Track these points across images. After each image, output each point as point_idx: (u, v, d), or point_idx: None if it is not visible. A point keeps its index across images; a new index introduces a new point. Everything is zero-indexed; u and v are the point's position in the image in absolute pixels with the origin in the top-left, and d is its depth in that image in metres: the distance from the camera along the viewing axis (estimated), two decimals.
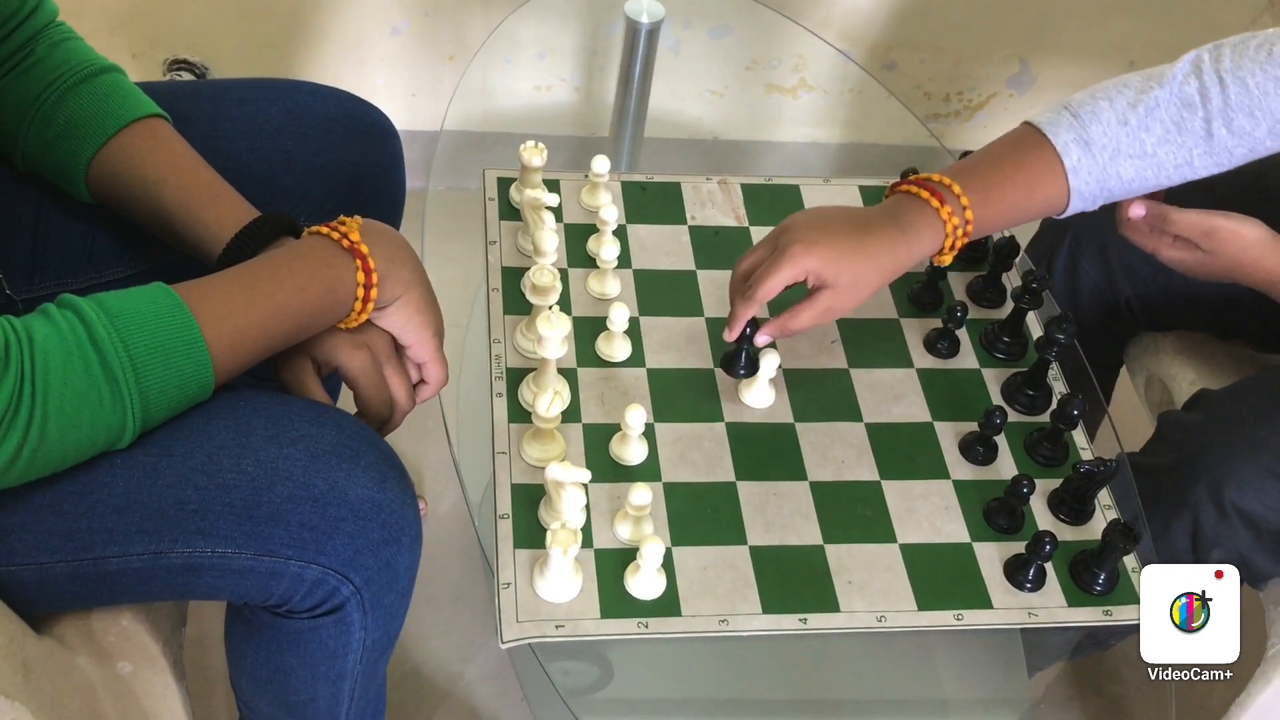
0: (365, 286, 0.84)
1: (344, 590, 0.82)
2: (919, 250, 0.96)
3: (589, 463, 0.97)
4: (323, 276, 0.83)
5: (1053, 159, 0.96)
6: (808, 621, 0.91)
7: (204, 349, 0.76)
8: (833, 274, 0.94)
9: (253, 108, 1.05)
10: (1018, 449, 1.04)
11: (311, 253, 0.83)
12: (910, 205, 0.96)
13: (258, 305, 0.80)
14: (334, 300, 0.84)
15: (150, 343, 0.73)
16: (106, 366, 0.72)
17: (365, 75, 1.86)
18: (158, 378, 0.74)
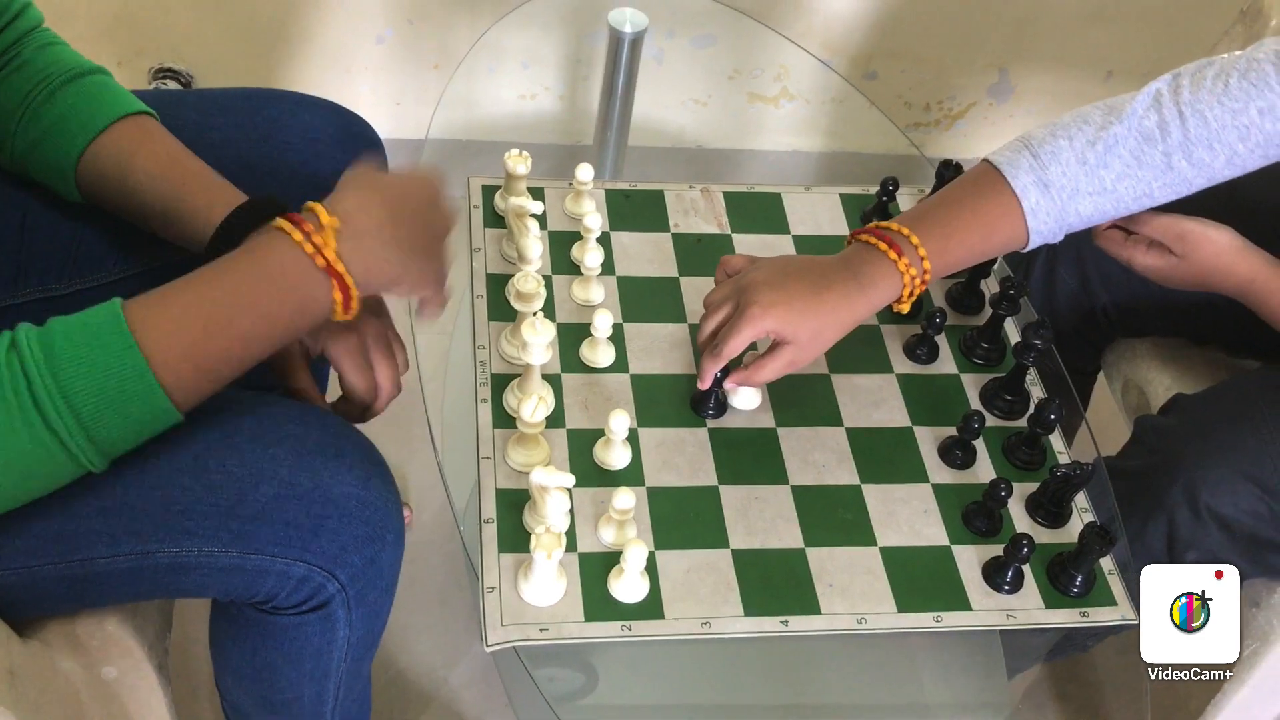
0: (343, 302, 0.79)
1: (329, 587, 0.82)
2: (877, 300, 0.98)
3: (573, 468, 0.98)
4: (291, 301, 0.77)
5: (1011, 201, 0.97)
6: (789, 624, 0.92)
7: (157, 388, 0.72)
8: (791, 331, 0.96)
9: (238, 117, 1.06)
10: (996, 453, 1.05)
11: (280, 272, 0.77)
12: (868, 256, 0.98)
13: (220, 338, 0.75)
14: (306, 318, 0.79)
15: (100, 395, 0.70)
16: (46, 422, 0.69)
17: (350, 83, 1.86)
18: (113, 427, 0.71)
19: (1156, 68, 1.97)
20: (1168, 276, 1.05)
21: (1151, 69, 1.97)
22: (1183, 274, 1.04)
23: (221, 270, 0.78)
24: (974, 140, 2.07)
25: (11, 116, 0.91)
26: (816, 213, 1.24)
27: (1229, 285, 1.03)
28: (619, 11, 1.45)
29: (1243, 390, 1.10)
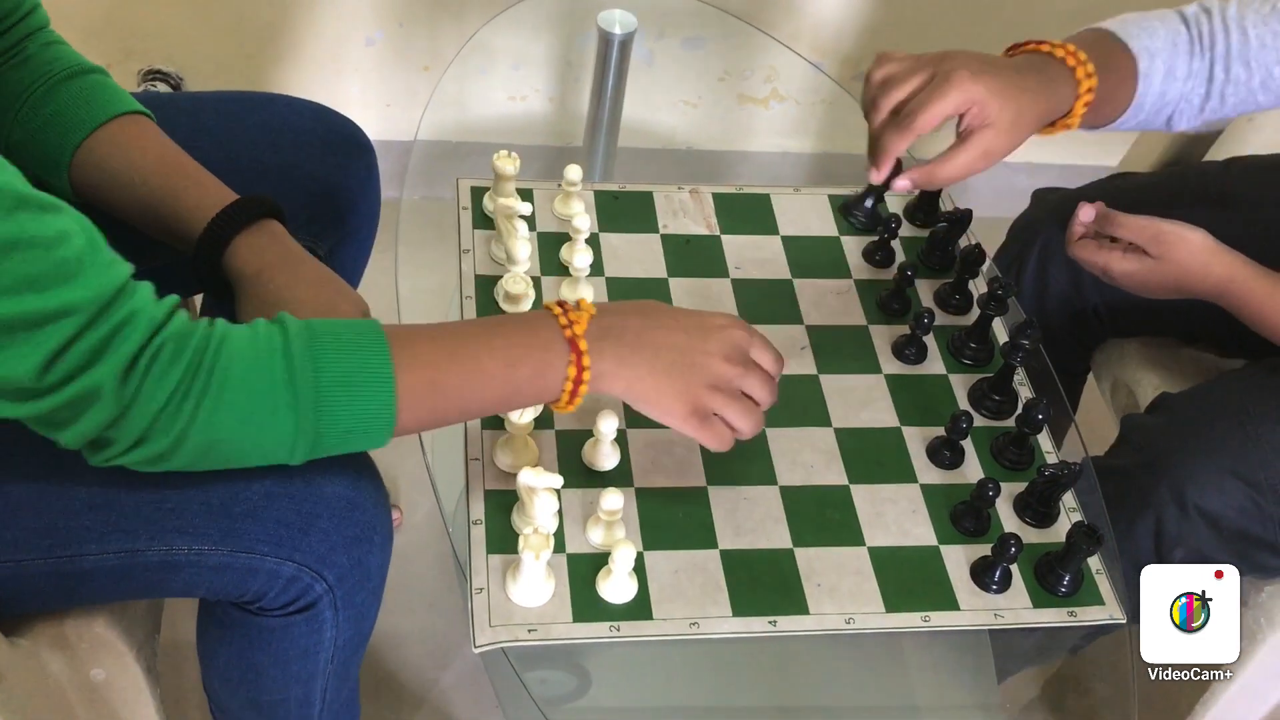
0: (575, 381, 0.82)
1: (317, 588, 0.82)
2: (1060, 102, 0.95)
3: (562, 469, 0.98)
4: (536, 358, 0.81)
5: (1129, 62, 0.98)
6: (777, 624, 0.92)
7: (392, 389, 0.75)
8: (996, 108, 0.90)
9: (228, 120, 1.06)
10: (984, 453, 1.06)
11: (531, 330, 0.82)
12: (1047, 62, 0.96)
13: (462, 365, 0.79)
14: (540, 383, 0.82)
15: (340, 370, 0.73)
16: (291, 377, 0.72)
17: (340, 86, 1.87)
18: (339, 404, 0.74)
19: None
20: (1145, 281, 1.05)
21: None
22: (1160, 277, 1.04)
23: (482, 318, 0.86)
24: None
25: (9, 109, 0.91)
26: (805, 214, 1.25)
27: (1206, 286, 1.03)
28: (608, 13, 1.45)
29: (1228, 388, 1.11)
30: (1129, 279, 1.07)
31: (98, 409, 0.68)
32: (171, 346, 0.69)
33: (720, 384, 0.86)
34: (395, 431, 0.77)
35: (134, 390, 0.68)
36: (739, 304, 1.14)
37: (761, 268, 1.18)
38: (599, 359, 0.82)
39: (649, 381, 0.84)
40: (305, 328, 0.74)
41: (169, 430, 0.70)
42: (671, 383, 0.84)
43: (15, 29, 0.91)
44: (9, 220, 0.63)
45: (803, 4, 1.86)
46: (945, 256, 1.20)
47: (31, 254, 0.64)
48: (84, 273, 0.66)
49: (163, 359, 0.69)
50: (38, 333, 0.65)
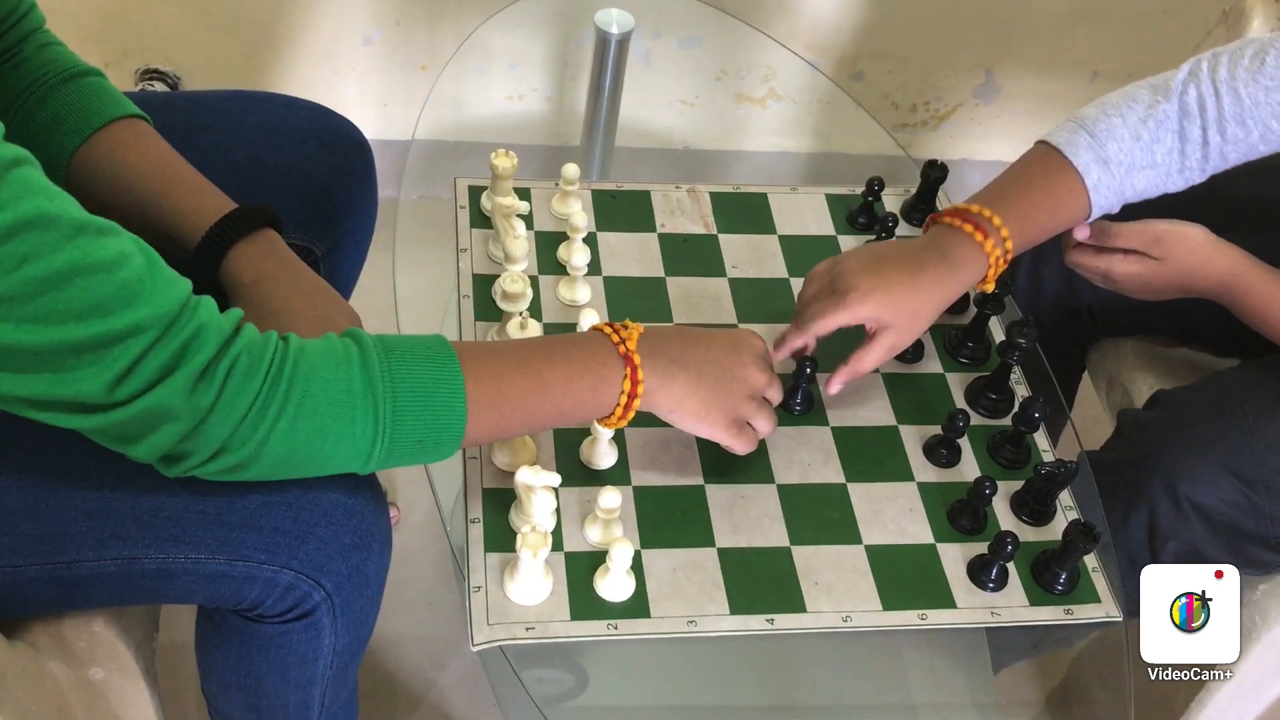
0: (630, 395, 0.85)
1: (315, 595, 0.82)
2: (966, 280, 1.01)
3: (559, 467, 0.98)
4: (594, 372, 0.85)
5: (1074, 180, 1.01)
6: (774, 622, 0.92)
7: (463, 399, 0.78)
8: (890, 316, 0.99)
9: (226, 119, 1.06)
10: (981, 451, 1.06)
11: (588, 346, 0.86)
12: (954, 239, 1.01)
13: (526, 377, 0.82)
14: (598, 397, 0.85)
15: (414, 379, 0.76)
16: (370, 386, 0.74)
17: (338, 85, 1.87)
18: (414, 412, 0.76)
19: (1141, 69, 1.98)
20: (1147, 282, 1.06)
21: (1136, 70, 1.98)
22: (1163, 278, 1.05)
23: (542, 337, 0.92)
24: (960, 141, 2.08)
25: (6, 112, 0.91)
26: (803, 213, 1.25)
27: (1209, 283, 1.04)
28: (605, 12, 1.45)
29: (1223, 385, 1.11)
30: (1131, 281, 1.07)
31: (171, 423, 0.69)
32: (247, 358, 0.71)
33: (755, 393, 0.92)
34: (463, 442, 0.79)
35: (210, 402, 0.69)
36: (736, 303, 1.14)
37: (758, 267, 1.18)
38: (650, 374, 0.86)
39: (696, 397, 0.89)
40: (380, 341, 0.77)
41: (249, 440, 0.71)
42: (715, 397, 0.89)
43: (12, 31, 0.91)
44: (70, 247, 0.64)
45: (799, 3, 1.86)
46: None
47: (94, 279, 0.65)
48: (146, 292, 0.67)
49: (240, 370, 0.70)
50: (106, 353, 0.66)
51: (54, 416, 0.68)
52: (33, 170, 0.65)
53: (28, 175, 0.64)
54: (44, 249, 0.63)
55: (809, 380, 1.04)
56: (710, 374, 0.89)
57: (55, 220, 0.64)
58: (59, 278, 0.63)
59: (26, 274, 0.62)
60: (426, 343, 0.79)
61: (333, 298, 0.91)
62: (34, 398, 0.67)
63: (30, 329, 0.63)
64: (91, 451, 0.76)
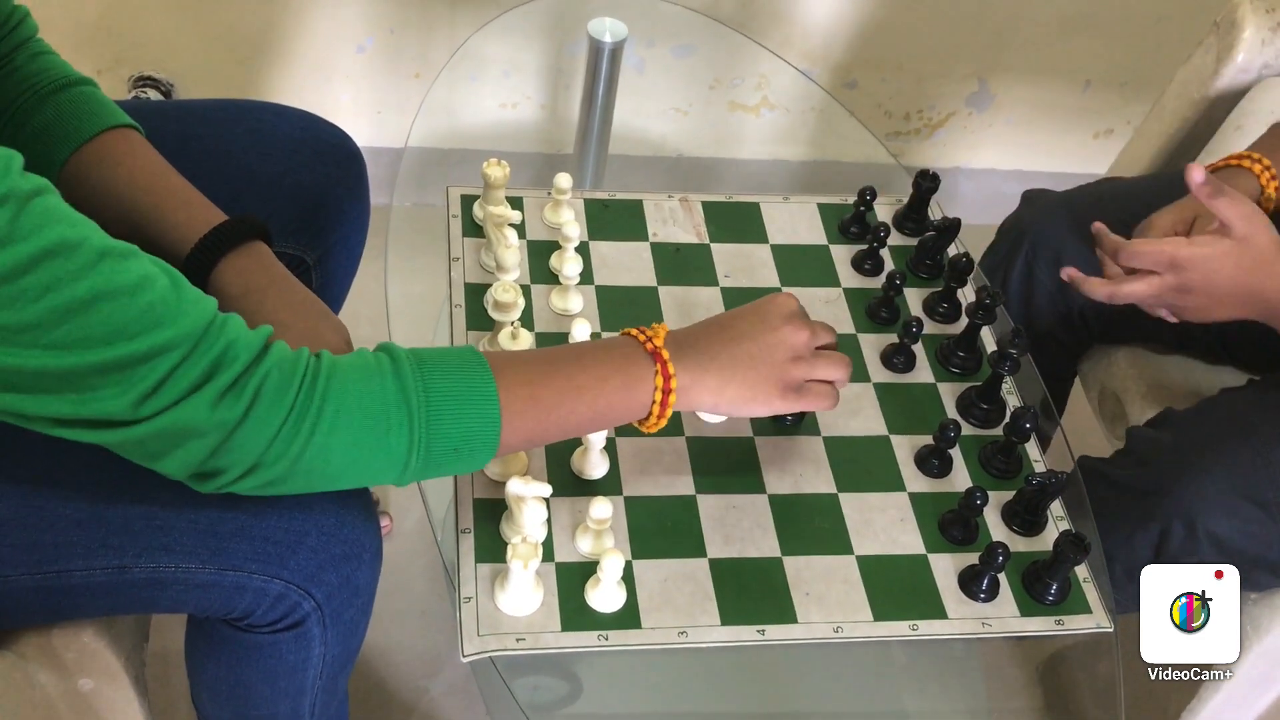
0: (663, 391, 0.85)
1: (305, 605, 0.82)
2: None
3: (551, 477, 0.98)
4: (624, 371, 0.84)
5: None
6: (765, 633, 0.92)
7: (496, 406, 0.78)
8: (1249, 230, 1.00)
9: (218, 128, 1.06)
10: (972, 462, 1.06)
11: (618, 347, 0.86)
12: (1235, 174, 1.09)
13: (557, 380, 0.82)
14: (631, 398, 0.85)
15: (448, 388, 0.76)
16: (404, 397, 0.74)
17: (331, 92, 1.87)
18: (449, 421, 0.76)
19: (1134, 77, 2.01)
20: (1216, 270, 1.00)
21: (1129, 78, 1.99)
22: (1237, 263, 1.00)
23: (570, 344, 0.90)
24: (954, 149, 2.08)
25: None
26: (795, 222, 1.25)
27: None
28: (598, 21, 1.46)
29: (1235, 406, 1.10)
30: (1200, 266, 1.01)
31: (196, 439, 0.69)
32: (279, 374, 0.71)
33: (799, 351, 0.91)
34: (499, 450, 0.80)
35: (237, 417, 0.69)
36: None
37: (751, 276, 1.18)
38: (682, 371, 0.86)
39: (735, 382, 0.88)
40: (411, 352, 0.77)
41: (284, 455, 0.71)
42: (758, 374, 0.88)
43: (4, 41, 0.91)
44: (93, 274, 0.65)
45: (793, 12, 1.86)
46: (934, 265, 1.21)
47: (118, 304, 0.65)
48: (171, 314, 0.68)
49: (271, 385, 0.70)
50: (131, 373, 0.67)
51: (78, 433, 0.69)
52: (53, 198, 0.65)
53: (49, 203, 0.65)
54: (67, 276, 0.64)
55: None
56: (743, 354, 0.88)
57: (77, 247, 0.65)
58: (83, 304, 0.64)
59: (51, 302, 0.63)
60: (458, 354, 0.79)
61: (321, 311, 0.91)
62: (59, 417, 0.68)
63: (56, 354, 0.64)
64: (83, 461, 0.76)
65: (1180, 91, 1.33)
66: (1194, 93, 1.31)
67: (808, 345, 0.92)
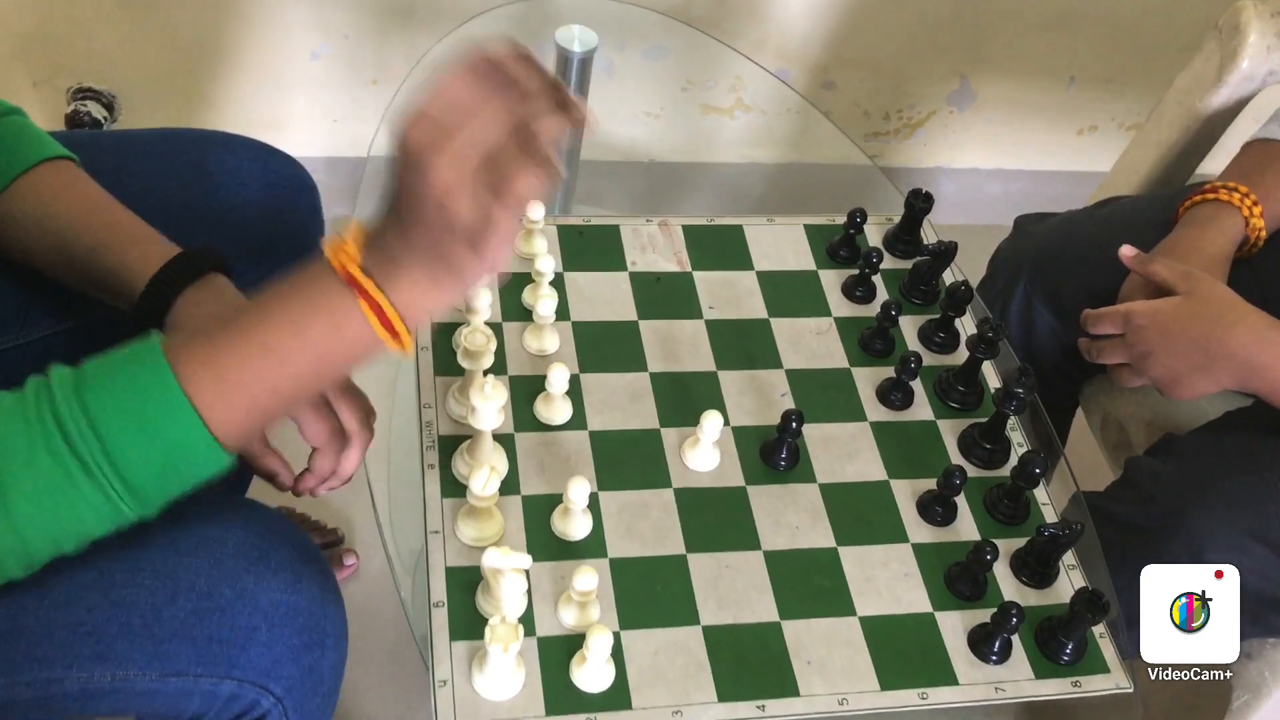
0: (380, 317, 0.66)
1: (264, 702, 0.75)
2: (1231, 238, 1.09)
3: (529, 538, 0.91)
4: (322, 311, 0.66)
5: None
6: (766, 709, 0.86)
7: (186, 407, 0.63)
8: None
9: (158, 161, 0.98)
10: (977, 507, 1.00)
11: (304, 283, 0.68)
12: (1216, 211, 1.09)
13: (247, 349, 0.66)
14: (344, 336, 0.67)
15: (117, 410, 0.63)
16: (67, 440, 0.62)
17: (283, 101, 1.77)
18: (134, 446, 0.63)
19: (1118, 74, 1.94)
20: (1165, 326, 1.00)
21: (1114, 75, 1.93)
22: (1184, 318, 0.99)
23: (263, 293, 0.68)
24: (934, 149, 2.02)
25: None
26: (780, 246, 1.18)
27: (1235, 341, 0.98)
28: (566, 30, 1.37)
29: (1239, 435, 1.05)
30: (1149, 320, 1.02)
31: None
32: None
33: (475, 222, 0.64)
34: (227, 445, 0.66)
35: None
36: (714, 346, 1.07)
37: (736, 306, 1.11)
38: (395, 288, 0.66)
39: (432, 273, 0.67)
40: (72, 378, 0.63)
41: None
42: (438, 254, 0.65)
43: None
44: None
45: (767, 12, 1.78)
46: (929, 291, 1.14)
47: None
48: None
49: None
50: None
51: None
52: None
53: None
54: None
55: (795, 435, 0.97)
56: (418, 230, 0.65)
57: None
58: None
59: None
60: (128, 355, 0.65)
61: None
62: None
63: None
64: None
65: (1180, 99, 1.26)
66: (1194, 101, 1.25)
67: (452, 187, 0.64)
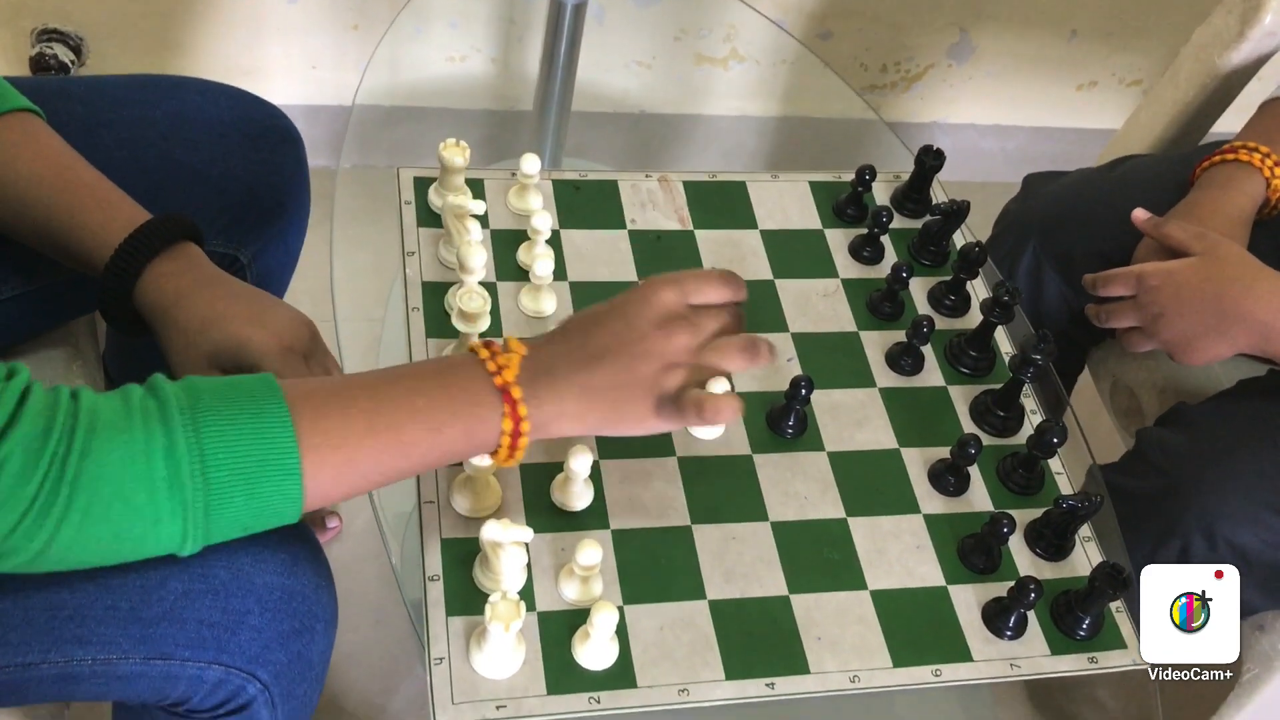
0: (513, 435, 0.70)
1: (250, 689, 0.71)
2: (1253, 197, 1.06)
3: (528, 509, 0.87)
4: (464, 415, 0.69)
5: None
6: (775, 686, 0.82)
7: (298, 480, 0.63)
8: None
9: (133, 110, 0.92)
10: (990, 476, 0.96)
11: (457, 383, 0.70)
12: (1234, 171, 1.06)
13: (379, 435, 0.66)
14: (471, 443, 0.71)
15: (236, 462, 0.61)
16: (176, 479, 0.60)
17: (260, 46, 1.70)
18: (235, 502, 0.62)
19: (1121, 27, 1.89)
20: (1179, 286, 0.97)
21: (1116, 29, 1.88)
22: (1199, 278, 0.96)
23: (401, 369, 0.72)
24: (931, 104, 1.97)
25: None
26: (785, 203, 1.13)
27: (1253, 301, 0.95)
28: None
29: (1252, 403, 1.02)
30: (1163, 283, 1.00)
31: None
32: (20, 456, 0.56)
33: (673, 358, 0.73)
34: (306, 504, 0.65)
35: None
36: None
37: (740, 267, 1.07)
38: (537, 407, 0.70)
39: (598, 409, 0.72)
40: (190, 407, 0.61)
41: (23, 549, 0.58)
42: (620, 394, 0.72)
43: None
44: None
45: None
46: (938, 252, 1.10)
47: None
48: None
49: (9, 475, 0.56)
50: None
51: None
52: None
53: None
54: None
55: (803, 402, 0.94)
56: (603, 374, 0.71)
57: None
58: None
59: None
60: (255, 405, 0.63)
61: (265, 295, 0.80)
62: None
63: None
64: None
65: (1198, 55, 1.22)
66: (1213, 57, 1.20)
67: (687, 348, 0.74)
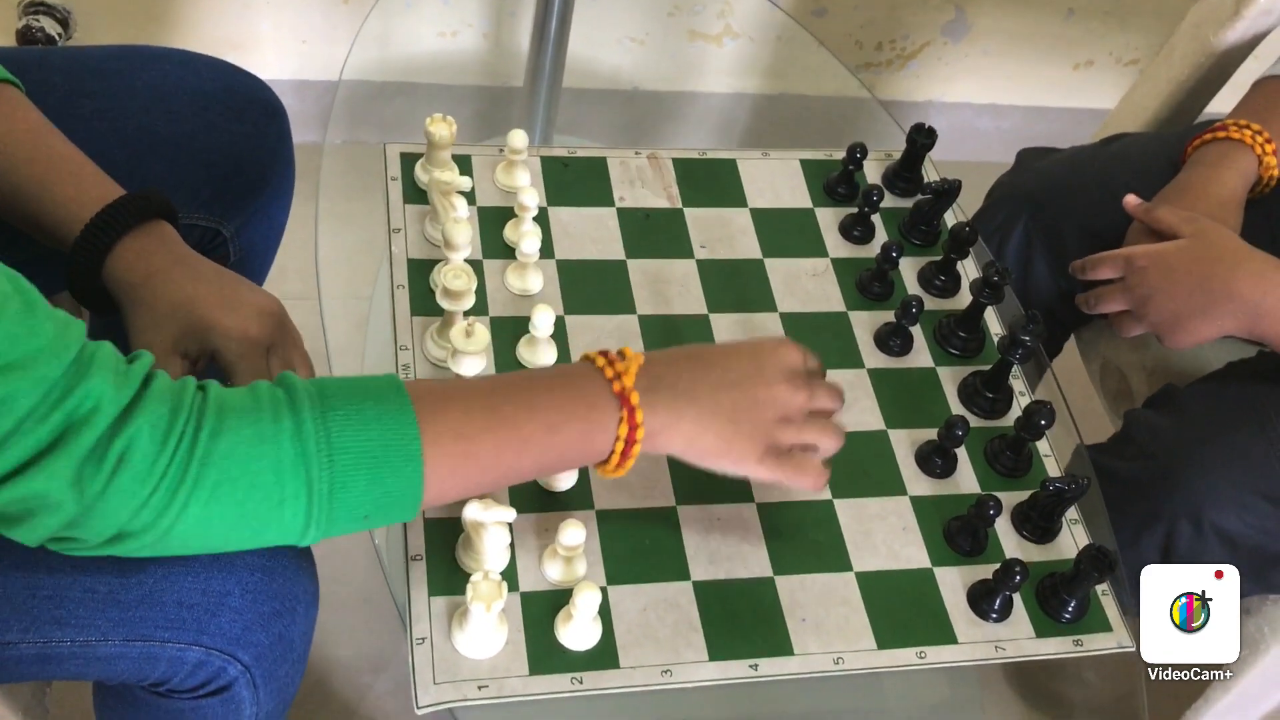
0: (627, 441, 0.73)
1: (231, 670, 0.71)
2: (1244, 176, 1.05)
3: (512, 490, 0.86)
4: (582, 417, 0.72)
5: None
6: (759, 668, 0.82)
7: (419, 468, 0.65)
8: None
9: (114, 81, 0.91)
10: (978, 458, 0.96)
11: (575, 386, 0.72)
12: (1226, 150, 1.05)
13: (500, 432, 0.69)
14: (588, 446, 0.73)
15: (359, 450, 0.63)
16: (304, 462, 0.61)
17: (249, 21, 1.69)
18: (358, 488, 0.63)
19: (1119, 6, 1.88)
20: (1170, 267, 0.96)
21: (1114, 7, 1.87)
22: (1188, 258, 0.95)
23: (519, 373, 0.76)
24: (927, 82, 1.96)
25: None
26: (775, 182, 1.12)
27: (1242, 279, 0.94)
28: None
29: (1242, 385, 1.01)
30: (1152, 263, 0.99)
31: (51, 511, 0.56)
32: (149, 434, 0.57)
33: (790, 414, 0.78)
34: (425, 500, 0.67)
35: (99, 489, 0.56)
36: (705, 288, 1.02)
37: (729, 246, 1.06)
38: (652, 414, 0.73)
39: (712, 432, 0.75)
40: (318, 396, 0.63)
41: (151, 528, 0.58)
42: (738, 428, 0.75)
43: None
44: None
45: None
46: (929, 232, 1.09)
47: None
48: (21, 349, 0.53)
49: (139, 451, 0.56)
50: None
51: None
52: None
53: None
54: None
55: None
56: (727, 402, 0.75)
57: None
58: None
59: None
60: (379, 395, 0.65)
61: (241, 279, 0.78)
62: None
63: None
64: None
65: (1193, 33, 1.21)
66: (1208, 35, 1.19)
67: (801, 410, 0.79)
